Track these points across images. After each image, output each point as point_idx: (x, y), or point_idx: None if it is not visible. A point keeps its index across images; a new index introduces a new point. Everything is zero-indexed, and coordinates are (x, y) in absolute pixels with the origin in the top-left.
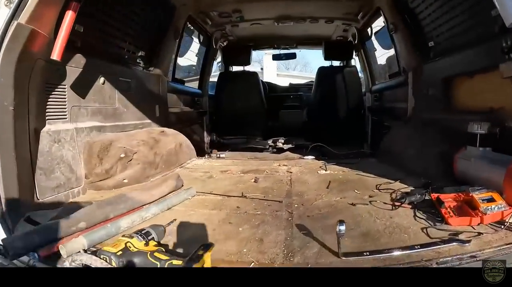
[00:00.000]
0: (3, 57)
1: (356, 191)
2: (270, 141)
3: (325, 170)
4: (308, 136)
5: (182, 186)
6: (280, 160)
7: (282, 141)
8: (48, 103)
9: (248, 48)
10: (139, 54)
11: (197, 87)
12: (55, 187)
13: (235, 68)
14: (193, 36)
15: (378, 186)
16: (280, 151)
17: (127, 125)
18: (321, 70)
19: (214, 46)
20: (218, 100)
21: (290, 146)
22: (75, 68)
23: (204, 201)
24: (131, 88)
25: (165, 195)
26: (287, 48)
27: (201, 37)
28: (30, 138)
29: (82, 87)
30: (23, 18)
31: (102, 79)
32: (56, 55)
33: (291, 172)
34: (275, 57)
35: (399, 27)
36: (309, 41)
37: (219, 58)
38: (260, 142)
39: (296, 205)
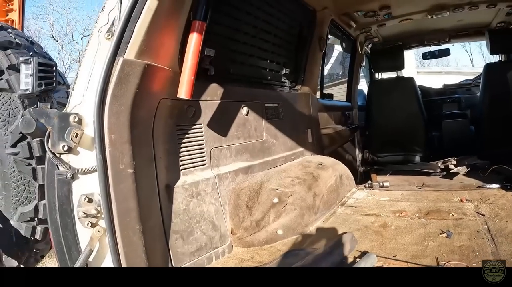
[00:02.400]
0: (111, 107)
1: None
2: (440, 164)
3: None
4: (481, 153)
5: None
6: (458, 190)
7: (454, 162)
8: (181, 150)
9: (398, 50)
10: (283, 72)
11: (345, 100)
12: (195, 251)
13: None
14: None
15: None
16: (451, 174)
17: (277, 159)
18: (490, 68)
19: (360, 51)
20: (369, 112)
21: (464, 168)
22: (210, 101)
23: None
24: (279, 114)
25: None
26: (438, 44)
27: (344, 43)
28: (160, 198)
29: (221, 123)
30: (131, 51)
31: (245, 109)
32: (184, 92)
33: (483, 215)
34: (426, 56)
35: None
36: (464, 33)
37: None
38: (427, 166)
39: None
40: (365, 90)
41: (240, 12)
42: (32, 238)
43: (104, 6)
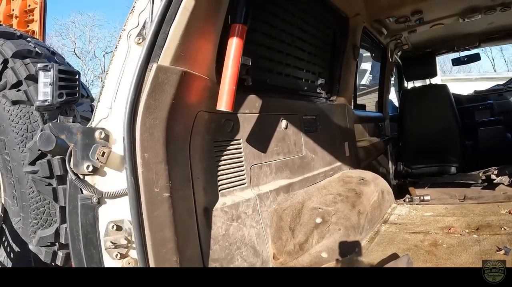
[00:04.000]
0: (143, 121)
1: None
2: (481, 174)
3: None
4: None
5: None
6: (504, 202)
7: (495, 172)
8: (219, 168)
9: (430, 57)
10: (319, 82)
11: (376, 110)
12: None
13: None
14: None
15: None
16: (493, 184)
17: (317, 175)
18: None
19: (390, 60)
20: (402, 122)
21: (507, 178)
22: (249, 114)
23: None
24: (317, 127)
25: None
26: (467, 49)
27: (374, 51)
28: (198, 224)
29: (261, 137)
30: (166, 57)
31: (284, 123)
32: (225, 103)
33: None
34: (456, 62)
35: None
36: (495, 36)
37: None
38: (468, 177)
39: None
40: (394, 100)
41: (275, 18)
42: (53, 264)
43: (133, 7)
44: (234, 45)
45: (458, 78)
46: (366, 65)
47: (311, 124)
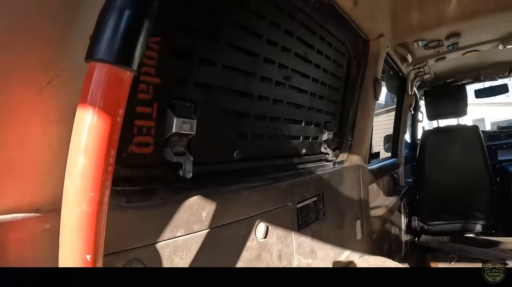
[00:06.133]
0: None
1: None
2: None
3: None
4: None
5: None
6: None
7: None
8: None
9: (460, 90)
10: (325, 137)
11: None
12: None
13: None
14: None
15: None
16: None
17: None
18: None
19: (410, 92)
20: (421, 169)
21: None
22: (184, 237)
23: None
24: (319, 213)
25: None
26: (494, 79)
27: (390, 81)
28: None
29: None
30: None
31: (261, 229)
32: None
33: None
34: (480, 93)
35: None
36: None
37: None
38: (506, 254)
39: None
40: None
41: (255, 38)
42: None
43: None
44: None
45: (477, 103)
46: None
47: (309, 212)
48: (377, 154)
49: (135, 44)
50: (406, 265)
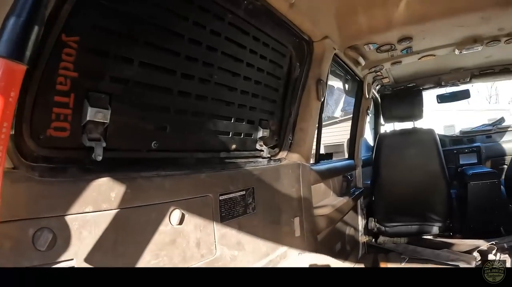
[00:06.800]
0: None
1: None
2: (475, 254)
3: None
4: None
5: None
6: None
7: (494, 250)
8: None
9: (417, 95)
10: (260, 134)
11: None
12: None
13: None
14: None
15: None
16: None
17: None
18: None
19: (367, 96)
20: (376, 171)
21: (507, 257)
22: (95, 213)
23: None
24: (247, 207)
25: None
26: (456, 84)
27: (347, 84)
28: None
29: (119, 249)
30: None
31: (176, 215)
32: None
33: None
34: (442, 99)
35: None
36: (490, 71)
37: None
38: (457, 256)
39: None
40: (368, 137)
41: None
42: None
43: None
44: None
45: (440, 109)
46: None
47: (236, 205)
48: (329, 155)
49: (26, 43)
50: (361, 265)
